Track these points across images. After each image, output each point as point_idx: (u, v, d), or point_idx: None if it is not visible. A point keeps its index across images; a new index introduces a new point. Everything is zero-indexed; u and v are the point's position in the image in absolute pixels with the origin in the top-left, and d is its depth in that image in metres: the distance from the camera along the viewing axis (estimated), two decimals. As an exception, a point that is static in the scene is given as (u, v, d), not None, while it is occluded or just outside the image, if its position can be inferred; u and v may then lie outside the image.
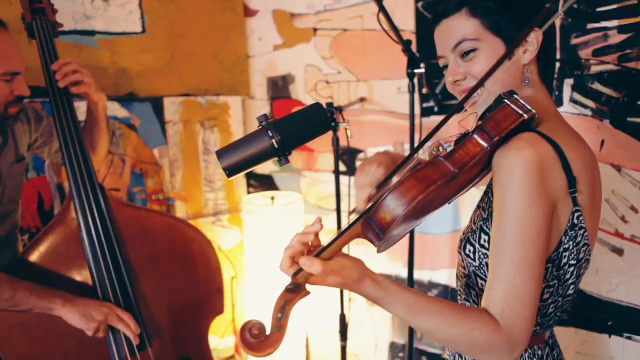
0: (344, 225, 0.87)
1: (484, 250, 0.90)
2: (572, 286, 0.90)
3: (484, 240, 0.90)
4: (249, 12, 2.48)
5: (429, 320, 0.80)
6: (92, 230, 1.43)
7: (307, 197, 2.40)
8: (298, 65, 2.36)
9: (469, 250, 0.94)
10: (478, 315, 0.80)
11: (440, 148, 0.83)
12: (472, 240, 0.93)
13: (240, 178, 2.52)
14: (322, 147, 2.29)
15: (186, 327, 1.60)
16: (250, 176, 2.57)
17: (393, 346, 2.15)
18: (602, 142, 1.56)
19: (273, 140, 0.85)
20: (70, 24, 2.04)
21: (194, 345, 1.61)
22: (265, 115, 0.87)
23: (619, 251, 1.56)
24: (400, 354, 2.14)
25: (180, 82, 2.33)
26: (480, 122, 0.81)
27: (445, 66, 0.97)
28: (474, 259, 0.93)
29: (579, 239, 0.86)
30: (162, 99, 2.27)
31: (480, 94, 0.92)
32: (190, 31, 2.33)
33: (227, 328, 2.55)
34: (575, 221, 0.85)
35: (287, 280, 0.83)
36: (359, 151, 2.17)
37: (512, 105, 0.80)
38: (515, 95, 0.82)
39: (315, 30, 2.28)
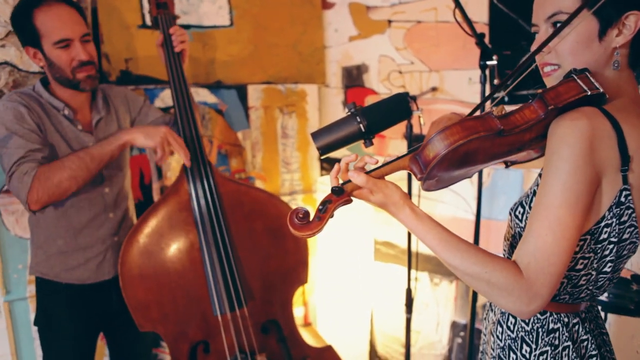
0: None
1: None
2: (609, 264, 0.92)
3: None
4: (326, 5, 2.62)
5: (454, 255, 0.87)
6: (201, 199, 1.65)
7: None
8: (372, 55, 2.47)
9: (519, 212, 0.98)
10: (503, 261, 0.85)
11: (503, 111, 0.89)
12: (524, 203, 0.97)
13: (314, 161, 2.69)
14: (392, 134, 2.40)
15: (275, 292, 1.79)
16: (323, 159, 2.73)
17: (454, 325, 2.25)
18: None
19: (361, 125, 0.98)
20: (169, 18, 2.28)
21: (281, 309, 1.79)
22: (353, 103, 1.00)
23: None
24: (462, 334, 2.24)
25: (263, 71, 2.52)
26: (541, 91, 0.86)
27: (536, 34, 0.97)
28: (521, 220, 0.97)
29: (624, 218, 0.88)
30: (246, 86, 2.47)
31: (556, 69, 0.93)
32: (272, 24, 2.51)
33: (297, 299, 2.75)
34: (623, 199, 0.86)
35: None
36: (429, 138, 2.27)
37: (578, 81, 0.84)
38: (587, 73, 0.85)
39: (389, 22, 2.38)
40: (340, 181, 0.95)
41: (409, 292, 1.92)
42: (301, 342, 1.81)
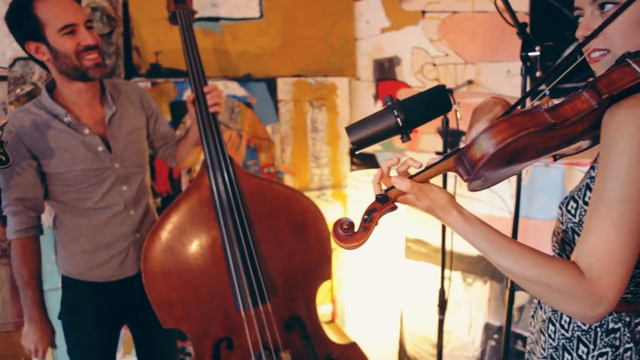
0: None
1: (586, 207, 0.89)
2: None
3: (588, 198, 0.88)
4: (358, -4, 2.56)
5: (508, 257, 0.82)
6: (222, 195, 1.63)
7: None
8: (405, 47, 2.40)
9: (572, 207, 0.93)
10: (561, 263, 0.80)
11: (550, 103, 0.84)
12: (576, 197, 0.92)
13: (344, 155, 2.64)
14: (425, 129, 2.33)
15: (298, 289, 1.75)
16: (353, 154, 2.68)
17: (488, 327, 2.18)
18: None
19: (398, 119, 0.93)
20: (199, 11, 2.26)
21: (304, 305, 1.76)
22: (390, 96, 0.95)
23: None
24: (495, 336, 2.16)
25: (292, 63, 2.48)
26: (592, 79, 0.80)
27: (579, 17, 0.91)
28: (574, 215, 0.92)
29: None
30: (275, 79, 2.44)
31: (605, 54, 0.87)
32: (302, 15, 2.46)
33: (325, 296, 2.71)
34: None
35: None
36: (463, 133, 2.19)
37: (633, 65, 0.79)
38: None
39: (423, 12, 2.30)
40: (384, 187, 0.91)
41: (442, 292, 1.85)
42: (325, 339, 1.77)
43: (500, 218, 2.07)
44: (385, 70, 2.52)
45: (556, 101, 0.86)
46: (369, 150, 2.62)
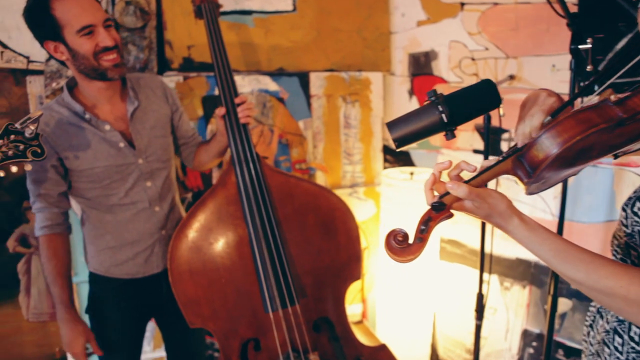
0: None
1: None
2: None
3: None
4: (393, -12, 2.49)
5: (577, 268, 0.76)
6: (250, 192, 1.59)
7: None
8: (442, 41, 2.32)
9: (638, 209, 0.85)
10: (638, 272, 0.73)
11: (612, 97, 0.78)
12: None
13: (377, 152, 2.57)
14: (462, 126, 2.25)
15: (327, 289, 1.70)
16: (387, 152, 2.61)
17: (526, 334, 2.08)
18: None
19: (443, 115, 0.87)
20: (231, 4, 2.23)
21: (333, 306, 1.71)
22: (434, 90, 0.90)
23: None
24: (534, 343, 2.07)
25: (326, 57, 2.43)
26: None
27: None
28: None
29: None
30: (308, 74, 2.39)
31: None
32: (336, 8, 2.41)
33: (355, 296, 2.66)
34: None
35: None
36: (504, 131, 2.10)
37: None
38: None
39: (462, 4, 2.21)
40: (436, 193, 0.85)
41: (480, 297, 1.77)
42: (355, 340, 1.72)
43: (542, 220, 1.97)
44: (421, 64, 2.44)
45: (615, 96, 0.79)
46: (404, 148, 2.54)
